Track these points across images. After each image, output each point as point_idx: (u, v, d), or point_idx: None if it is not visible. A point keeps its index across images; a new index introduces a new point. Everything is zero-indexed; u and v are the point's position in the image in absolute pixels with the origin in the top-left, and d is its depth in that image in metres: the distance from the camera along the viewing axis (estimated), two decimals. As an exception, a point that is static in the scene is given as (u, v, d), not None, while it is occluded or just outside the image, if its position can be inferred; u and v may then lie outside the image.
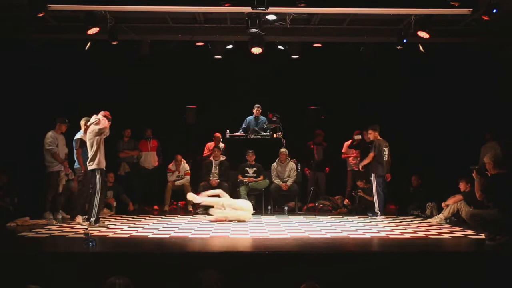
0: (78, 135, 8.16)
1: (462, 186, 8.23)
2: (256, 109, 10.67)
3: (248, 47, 9.38)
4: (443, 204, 8.28)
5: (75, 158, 8.20)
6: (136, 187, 10.36)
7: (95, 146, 7.39)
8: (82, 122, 8.24)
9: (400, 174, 9.63)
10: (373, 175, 8.96)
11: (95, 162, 7.40)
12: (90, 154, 7.44)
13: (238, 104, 10.94)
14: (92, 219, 7.33)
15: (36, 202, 8.42)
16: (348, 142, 10.54)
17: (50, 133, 8.44)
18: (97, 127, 7.42)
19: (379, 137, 9.13)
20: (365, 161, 9.11)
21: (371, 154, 8.99)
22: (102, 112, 7.60)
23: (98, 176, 7.40)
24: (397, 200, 9.84)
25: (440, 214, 8.26)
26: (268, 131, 10.42)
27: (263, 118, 10.67)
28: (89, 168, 7.49)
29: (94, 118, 7.54)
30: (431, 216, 8.68)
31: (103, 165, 7.52)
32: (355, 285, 4.84)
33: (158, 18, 9.55)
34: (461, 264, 5.08)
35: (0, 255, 5.12)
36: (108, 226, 7.46)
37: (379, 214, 8.82)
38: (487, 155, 6.13)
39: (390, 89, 11.00)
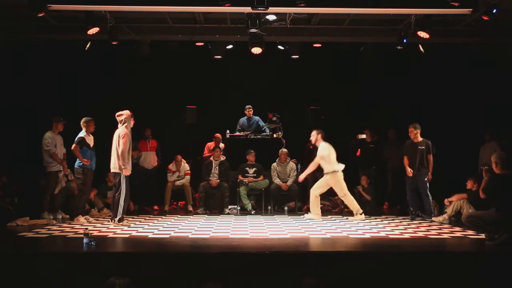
0: (81, 134, 8.20)
1: (469, 184, 8.14)
2: (247, 110, 10.67)
3: (248, 47, 9.37)
4: (446, 201, 8.23)
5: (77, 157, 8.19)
6: (136, 187, 10.34)
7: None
8: (83, 123, 8.28)
9: (400, 174, 9.61)
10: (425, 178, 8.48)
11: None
12: (115, 157, 7.47)
13: (238, 104, 10.92)
14: (117, 218, 7.46)
15: (36, 202, 8.42)
16: None
17: (48, 134, 8.43)
18: (122, 139, 7.44)
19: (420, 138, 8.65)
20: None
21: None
22: (125, 114, 7.61)
23: (123, 177, 7.48)
24: (397, 200, 9.82)
25: (444, 215, 8.20)
26: (267, 130, 10.41)
27: (255, 118, 10.68)
28: (116, 171, 7.50)
29: (121, 127, 7.59)
30: (431, 216, 8.65)
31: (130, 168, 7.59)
32: (355, 285, 4.84)
33: (158, 18, 9.55)
34: (461, 264, 5.07)
35: (0, 255, 5.11)
36: (130, 225, 7.56)
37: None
38: (493, 155, 6.10)
39: (389, 89, 11.00)
